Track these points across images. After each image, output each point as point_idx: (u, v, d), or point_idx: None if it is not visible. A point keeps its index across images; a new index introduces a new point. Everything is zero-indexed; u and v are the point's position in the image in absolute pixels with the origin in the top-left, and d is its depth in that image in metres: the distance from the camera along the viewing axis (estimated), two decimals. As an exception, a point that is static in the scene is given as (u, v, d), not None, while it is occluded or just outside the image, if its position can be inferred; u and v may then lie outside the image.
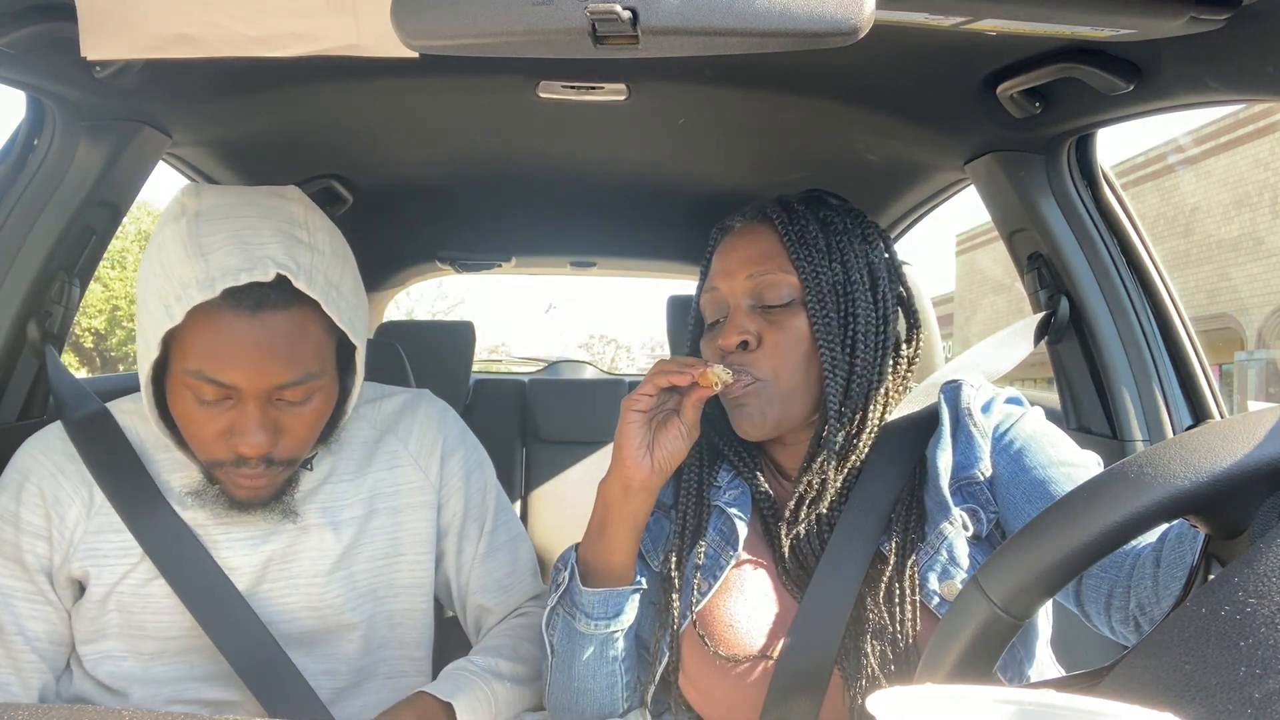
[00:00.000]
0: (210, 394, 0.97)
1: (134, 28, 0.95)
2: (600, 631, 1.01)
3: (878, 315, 1.04)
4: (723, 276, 1.06)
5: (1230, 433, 0.55)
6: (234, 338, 0.95)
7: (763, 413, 1.01)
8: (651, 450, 0.97)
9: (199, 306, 0.93)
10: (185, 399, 0.98)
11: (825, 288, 1.01)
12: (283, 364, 0.97)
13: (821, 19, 0.64)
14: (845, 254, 1.04)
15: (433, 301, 25.16)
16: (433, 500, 1.20)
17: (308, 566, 1.11)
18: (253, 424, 0.97)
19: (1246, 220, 14.58)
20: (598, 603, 1.00)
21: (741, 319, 1.02)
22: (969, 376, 1.07)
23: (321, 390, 1.03)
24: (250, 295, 0.94)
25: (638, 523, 1.00)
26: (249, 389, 0.96)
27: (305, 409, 1.01)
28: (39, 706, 0.52)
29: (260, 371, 0.96)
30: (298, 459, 1.06)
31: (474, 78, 1.28)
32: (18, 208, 1.28)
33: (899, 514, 0.98)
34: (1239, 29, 0.86)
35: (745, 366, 1.00)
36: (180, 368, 0.97)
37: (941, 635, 0.62)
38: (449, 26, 0.67)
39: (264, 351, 0.95)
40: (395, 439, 1.21)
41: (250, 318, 0.95)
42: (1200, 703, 0.43)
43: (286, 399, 1.00)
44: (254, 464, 1.01)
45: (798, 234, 1.04)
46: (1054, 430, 1.00)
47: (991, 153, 1.40)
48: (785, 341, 1.01)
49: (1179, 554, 0.78)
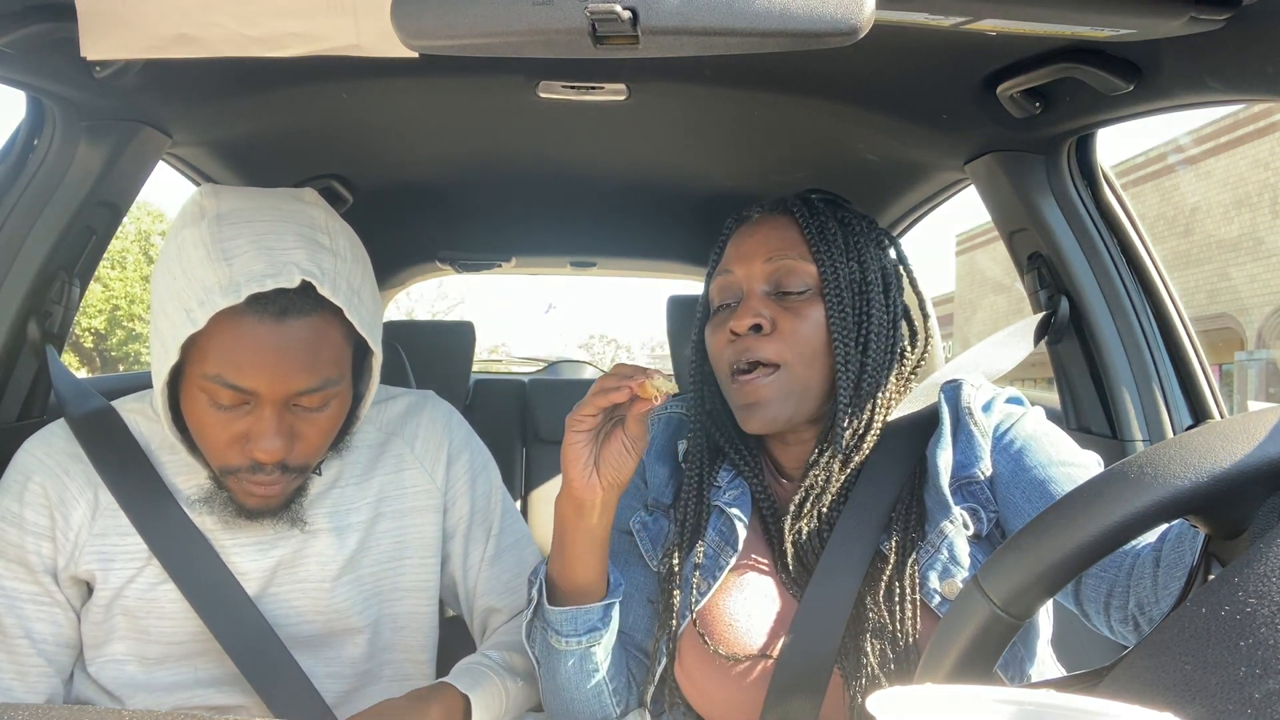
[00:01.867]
0: (228, 399, 0.96)
1: (134, 28, 0.95)
2: (575, 647, 0.99)
3: (889, 317, 1.04)
4: (739, 261, 1.05)
5: (1230, 433, 0.55)
6: (256, 344, 0.93)
7: (778, 408, 1.00)
8: (599, 467, 0.94)
9: (222, 312, 0.91)
10: (200, 403, 0.97)
11: (843, 282, 1.02)
12: (303, 370, 0.96)
13: (821, 19, 0.64)
14: (862, 254, 1.04)
15: (433, 301, 25.20)
16: (439, 504, 1.20)
17: (315, 571, 1.11)
18: (269, 430, 0.97)
19: (1246, 220, 14.58)
20: (566, 620, 0.98)
21: (756, 303, 1.02)
22: (970, 376, 1.07)
23: (338, 397, 1.02)
24: (275, 301, 0.93)
25: (597, 539, 0.97)
26: (268, 395, 0.95)
27: (321, 415, 1.01)
28: (39, 706, 0.52)
29: (281, 378, 0.95)
30: (310, 465, 1.05)
31: (474, 78, 1.27)
32: (18, 208, 1.28)
33: (899, 513, 0.98)
34: (1239, 29, 0.86)
35: (751, 351, 1.00)
36: (198, 372, 0.95)
37: (942, 635, 0.62)
38: (449, 26, 0.67)
39: (285, 358, 0.94)
40: (401, 441, 1.20)
41: (274, 324, 0.94)
42: (1200, 703, 0.43)
43: (304, 405, 0.99)
44: (269, 470, 1.00)
45: (818, 227, 1.04)
46: (1054, 430, 1.00)
47: (991, 153, 1.40)
48: (801, 329, 1.00)
49: (1179, 554, 0.78)
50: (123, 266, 20.75)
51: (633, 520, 1.11)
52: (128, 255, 20.90)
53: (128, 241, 20.87)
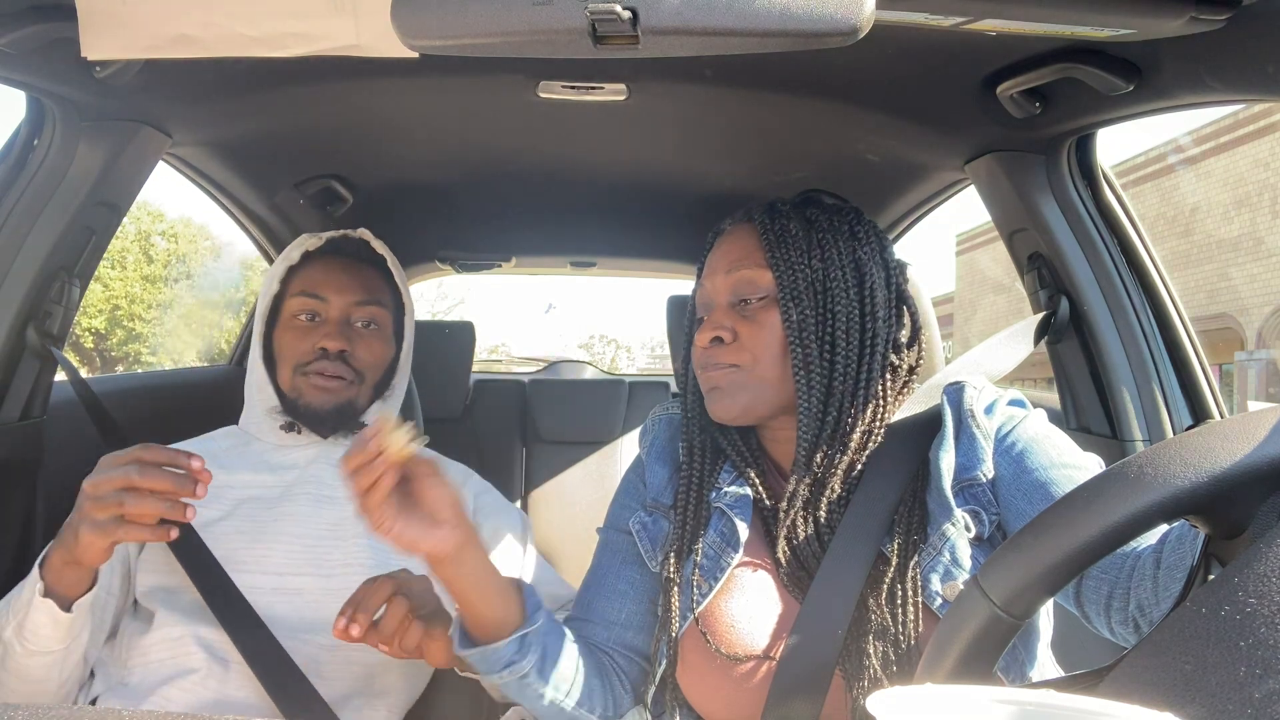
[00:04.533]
0: (307, 307, 1.35)
1: (134, 28, 0.95)
2: (504, 681, 0.98)
3: (861, 312, 1.03)
4: (709, 274, 1.09)
5: (1230, 433, 0.55)
6: (326, 268, 1.38)
7: (733, 396, 1.03)
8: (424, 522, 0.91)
9: (308, 253, 1.41)
10: (287, 324, 1.36)
11: (801, 284, 1.02)
12: (358, 289, 1.37)
13: (821, 19, 0.64)
14: (827, 250, 1.03)
15: (433, 302, 25.22)
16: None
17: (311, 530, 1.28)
18: (334, 330, 1.33)
19: (1246, 220, 14.58)
20: (478, 660, 0.97)
21: (719, 315, 1.05)
22: (972, 378, 1.07)
23: (382, 327, 1.39)
24: (342, 247, 1.42)
25: (468, 584, 0.94)
26: (334, 301, 1.35)
27: (370, 335, 1.37)
28: (39, 706, 0.52)
29: (340, 290, 1.36)
30: (363, 376, 1.35)
31: (474, 78, 1.28)
32: (18, 208, 1.28)
33: (901, 515, 0.98)
34: (1239, 29, 0.86)
35: (717, 358, 1.04)
36: (292, 292, 1.37)
37: (941, 635, 0.62)
38: (449, 26, 0.67)
39: (346, 278, 1.37)
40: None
41: (339, 259, 1.40)
42: (1200, 703, 0.43)
43: (358, 317, 1.36)
44: (333, 358, 1.32)
45: (777, 232, 1.05)
46: (1056, 433, 1.00)
47: (991, 153, 1.40)
48: (760, 336, 1.03)
49: (1179, 556, 0.78)
50: (123, 266, 20.76)
51: (632, 521, 1.11)
52: (128, 255, 20.90)
53: (128, 241, 20.88)
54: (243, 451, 1.35)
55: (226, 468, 1.30)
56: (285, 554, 1.23)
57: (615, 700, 1.07)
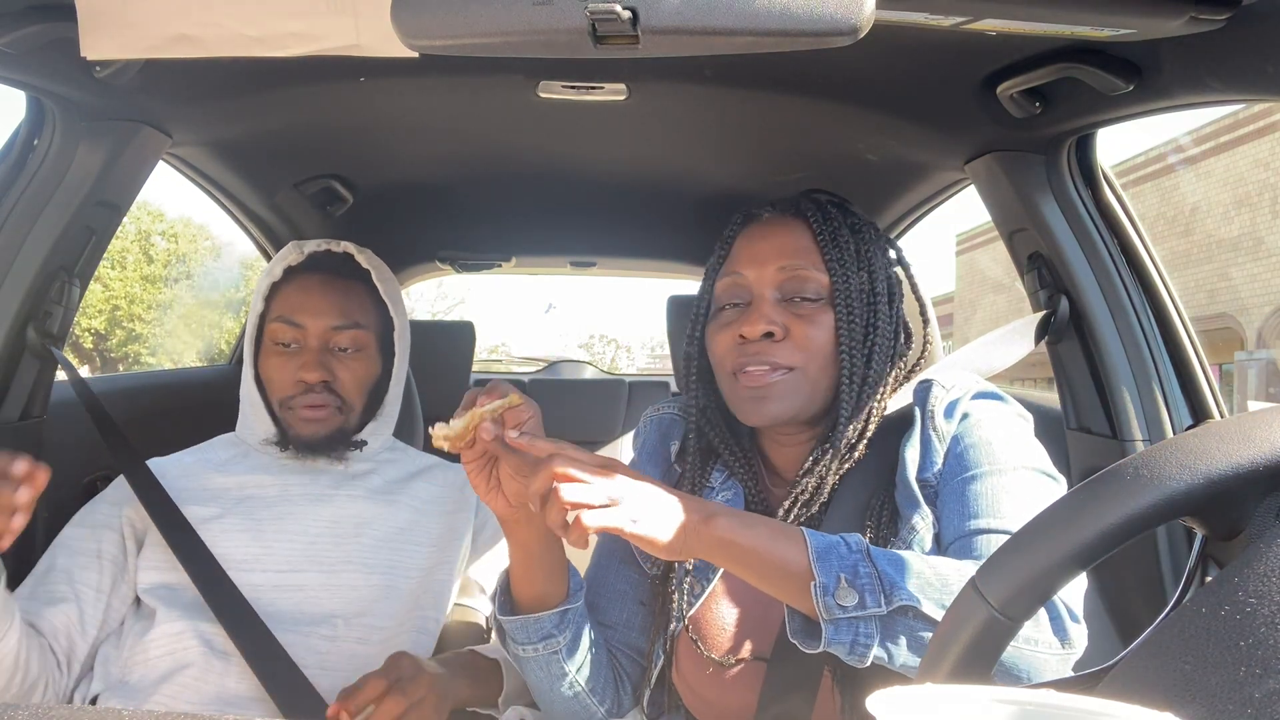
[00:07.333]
0: (286, 335, 1.30)
1: (134, 28, 0.95)
2: (534, 654, 1.00)
3: (894, 327, 1.04)
4: (749, 264, 1.04)
5: (1226, 434, 0.55)
6: (305, 288, 1.32)
7: (785, 400, 1.00)
8: (501, 487, 0.94)
9: (290, 268, 1.34)
10: (269, 350, 1.31)
11: (854, 292, 1.02)
12: (336, 313, 1.31)
13: (821, 19, 0.64)
14: (872, 263, 1.04)
15: (433, 301, 25.20)
16: (468, 517, 1.38)
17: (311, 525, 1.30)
18: (312, 360, 1.29)
19: (1246, 220, 14.58)
20: (518, 629, 0.99)
21: (768, 309, 1.01)
22: (943, 377, 1.05)
23: (366, 347, 1.33)
24: (324, 263, 1.35)
25: (530, 552, 0.98)
26: (311, 329, 1.30)
27: (353, 359, 1.32)
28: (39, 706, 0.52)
29: (318, 314, 1.30)
30: (350, 402, 1.32)
31: (474, 78, 1.27)
32: (18, 208, 1.28)
33: (873, 509, 0.98)
34: (1239, 29, 0.86)
35: (764, 355, 1.00)
36: (273, 315, 1.32)
37: (940, 637, 0.62)
38: (449, 26, 0.68)
39: (324, 300, 1.31)
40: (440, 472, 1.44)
41: (320, 277, 1.33)
42: (1200, 703, 0.43)
43: (339, 345, 1.31)
44: (317, 389, 1.28)
45: (831, 234, 1.03)
46: (1012, 435, 0.97)
47: (991, 153, 1.40)
48: (814, 337, 1.00)
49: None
50: (123, 266, 20.75)
51: None
52: (128, 255, 20.89)
53: (128, 241, 20.87)
54: (241, 459, 1.36)
55: (225, 471, 1.32)
56: (286, 552, 1.25)
57: (621, 697, 1.07)
